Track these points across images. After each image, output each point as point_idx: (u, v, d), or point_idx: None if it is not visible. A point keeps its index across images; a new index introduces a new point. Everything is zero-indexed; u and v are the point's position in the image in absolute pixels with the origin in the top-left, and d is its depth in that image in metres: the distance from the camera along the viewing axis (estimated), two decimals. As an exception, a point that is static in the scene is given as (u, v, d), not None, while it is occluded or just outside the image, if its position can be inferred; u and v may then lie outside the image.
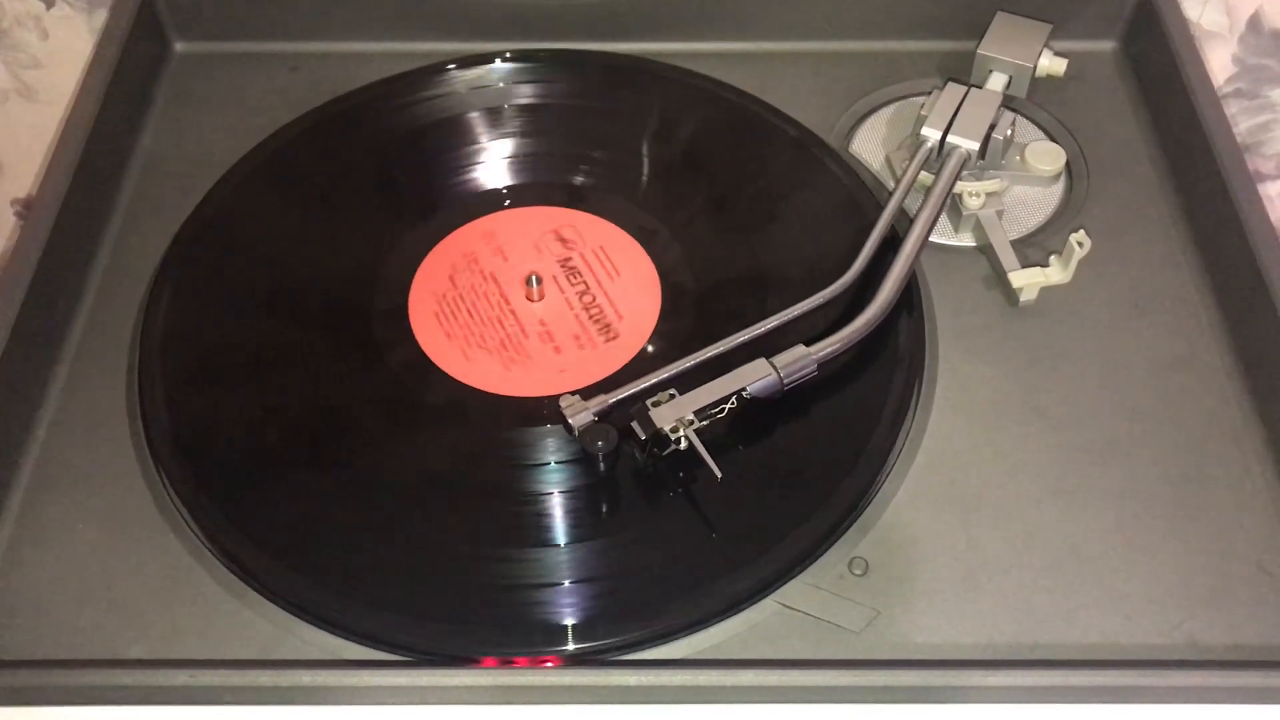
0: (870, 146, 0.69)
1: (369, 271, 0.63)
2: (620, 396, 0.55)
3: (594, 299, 0.62)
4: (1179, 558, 0.53)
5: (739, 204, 0.66)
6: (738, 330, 0.57)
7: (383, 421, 0.58)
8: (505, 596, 0.51)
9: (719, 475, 0.52)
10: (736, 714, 0.49)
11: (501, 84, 0.71)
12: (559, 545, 0.53)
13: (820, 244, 0.63)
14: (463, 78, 0.71)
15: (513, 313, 0.61)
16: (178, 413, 0.57)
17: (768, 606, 0.52)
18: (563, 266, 0.63)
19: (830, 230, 0.64)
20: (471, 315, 0.61)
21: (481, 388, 0.58)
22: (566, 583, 0.52)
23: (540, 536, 0.53)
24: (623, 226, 0.65)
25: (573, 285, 0.62)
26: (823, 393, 0.57)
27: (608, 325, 0.60)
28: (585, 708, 0.49)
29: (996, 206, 0.64)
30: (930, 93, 0.66)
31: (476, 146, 0.68)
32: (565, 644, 0.50)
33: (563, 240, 0.63)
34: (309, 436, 0.57)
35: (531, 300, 0.62)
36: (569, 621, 0.50)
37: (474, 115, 0.70)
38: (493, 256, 0.63)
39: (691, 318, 0.61)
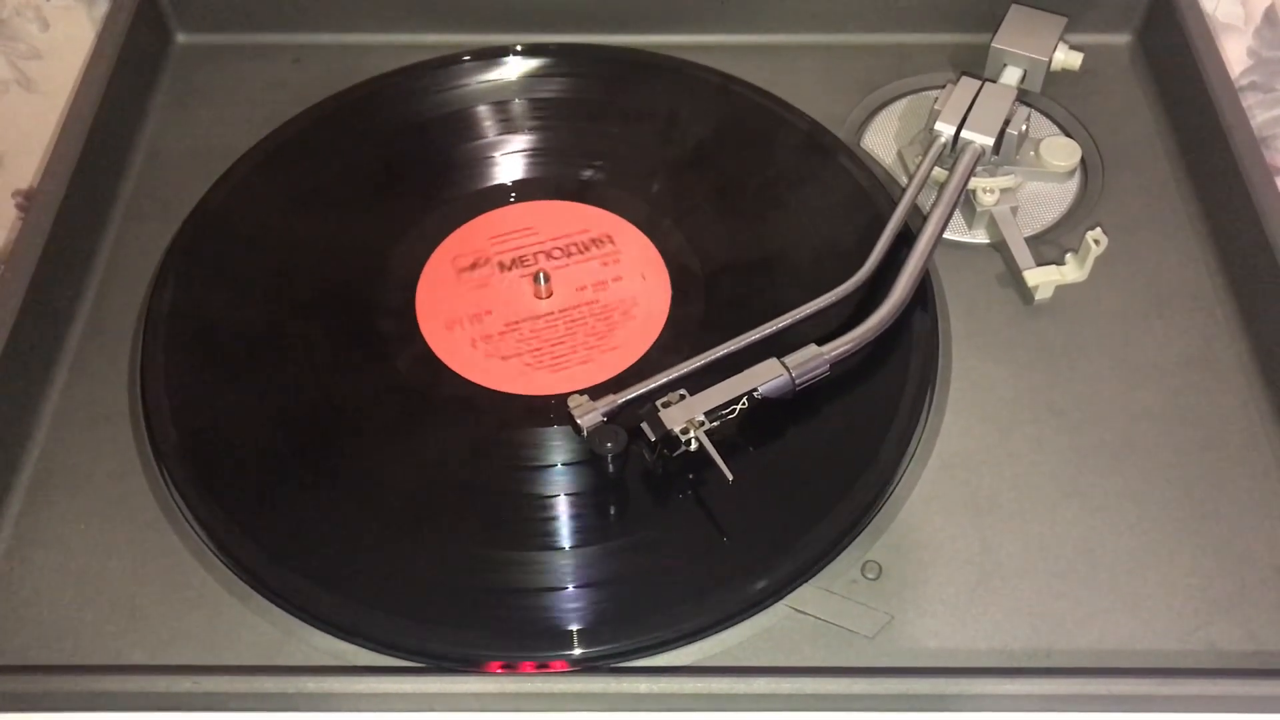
0: (882, 141, 0.69)
1: (375, 267, 0.62)
2: (629, 397, 0.54)
3: (572, 251, 0.62)
4: (1196, 561, 0.52)
5: (750, 199, 0.65)
6: (749, 329, 0.56)
7: (389, 421, 0.57)
8: (513, 600, 0.51)
9: (730, 477, 0.51)
10: (748, 721, 0.49)
11: (509, 77, 0.70)
12: (567, 548, 0.52)
13: (832, 241, 0.63)
14: (469, 70, 0.70)
15: (560, 316, 0.60)
16: (181, 411, 0.56)
17: (779, 611, 0.51)
18: (513, 266, 0.62)
19: (842, 227, 0.63)
20: (544, 343, 0.59)
21: (474, 381, 0.58)
22: (574, 587, 0.51)
23: (548, 539, 0.53)
24: (630, 220, 0.64)
25: (553, 261, 0.63)
26: (835, 393, 0.56)
27: (611, 247, 0.62)
28: (594, 714, 0.49)
29: (1011, 203, 0.63)
30: (944, 87, 0.65)
31: (484, 140, 0.68)
32: (573, 649, 0.49)
33: (472, 266, 0.62)
34: (314, 436, 0.56)
35: (544, 297, 0.61)
36: (577, 626, 0.50)
37: (481, 109, 0.69)
38: (476, 316, 0.61)
39: (702, 315, 0.60)
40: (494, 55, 0.70)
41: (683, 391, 0.53)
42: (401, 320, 0.60)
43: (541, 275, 0.61)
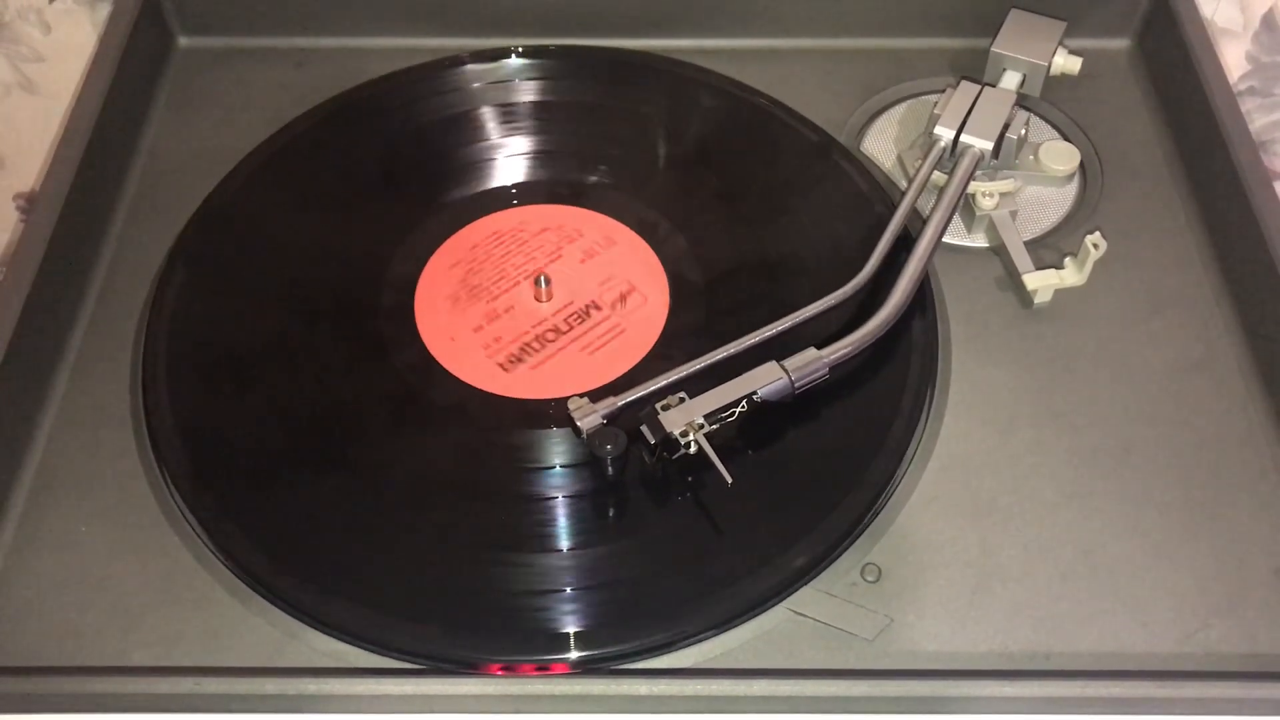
0: (882, 145, 0.69)
1: (375, 269, 0.62)
2: (629, 399, 0.54)
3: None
4: (1195, 564, 0.53)
5: (750, 203, 0.65)
6: (748, 332, 0.56)
7: (390, 424, 0.57)
8: (513, 602, 0.51)
9: (729, 480, 0.51)
10: (747, 723, 0.49)
11: (510, 80, 0.70)
12: (566, 550, 0.52)
13: (832, 244, 0.63)
14: (470, 73, 0.70)
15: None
16: (182, 413, 0.56)
17: (779, 613, 0.51)
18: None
19: (842, 230, 0.63)
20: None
21: (474, 384, 0.58)
22: (574, 588, 0.51)
23: (548, 542, 0.53)
24: (629, 225, 0.64)
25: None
26: (835, 396, 0.56)
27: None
28: (594, 716, 0.49)
29: (1010, 207, 0.64)
30: (943, 91, 0.66)
31: (484, 143, 0.68)
32: (573, 651, 0.49)
33: (622, 296, 0.61)
34: (315, 438, 0.56)
35: (545, 300, 0.61)
36: (576, 628, 0.50)
37: (481, 111, 0.69)
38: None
39: (702, 319, 0.60)
40: (495, 58, 0.70)
41: (682, 394, 0.53)
42: (401, 323, 0.60)
43: (543, 278, 0.61)
